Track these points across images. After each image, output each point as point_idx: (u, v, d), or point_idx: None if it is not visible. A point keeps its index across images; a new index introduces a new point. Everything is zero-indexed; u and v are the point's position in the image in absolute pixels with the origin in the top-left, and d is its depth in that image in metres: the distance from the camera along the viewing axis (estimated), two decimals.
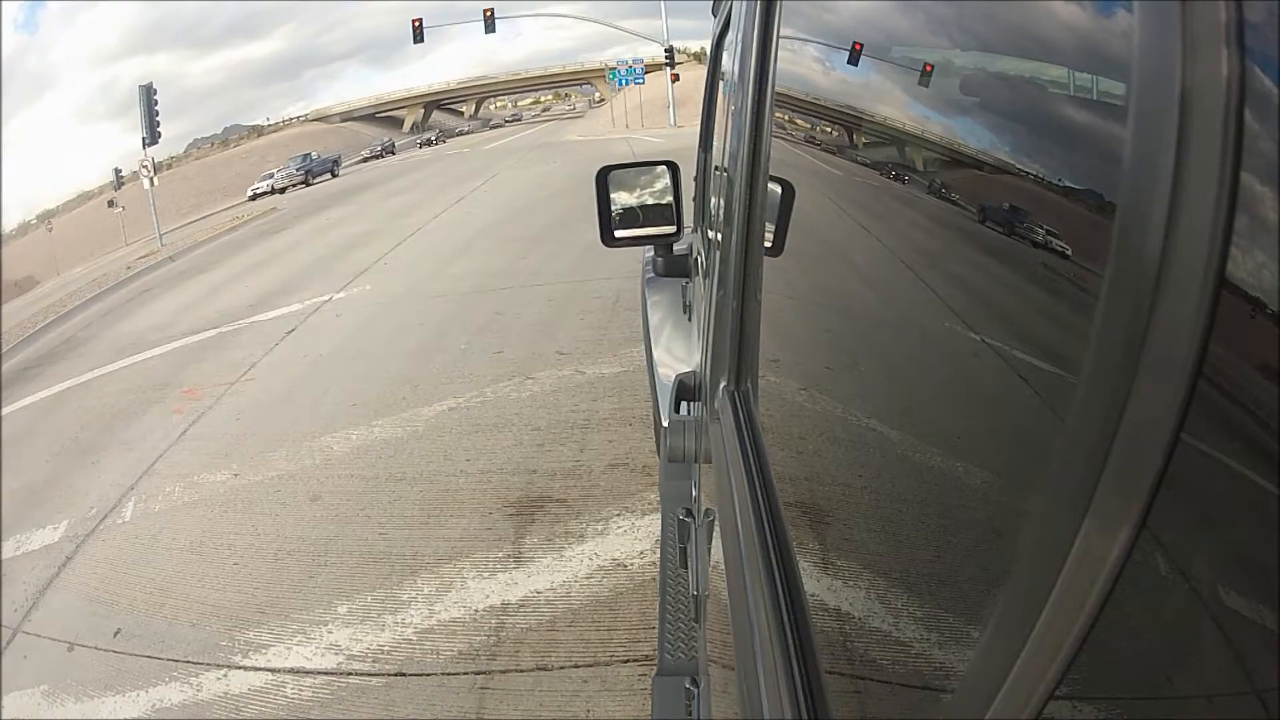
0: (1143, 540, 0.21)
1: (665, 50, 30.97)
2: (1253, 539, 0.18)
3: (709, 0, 1.83)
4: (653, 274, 2.55)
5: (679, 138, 18.29)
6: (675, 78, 29.70)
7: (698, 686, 0.88)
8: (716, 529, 0.73)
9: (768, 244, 0.71)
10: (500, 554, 2.70)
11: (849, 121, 0.56)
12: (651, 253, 2.61)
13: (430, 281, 7.16)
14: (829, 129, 0.63)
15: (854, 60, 0.51)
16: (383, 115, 57.55)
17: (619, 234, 2.23)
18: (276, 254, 11.17)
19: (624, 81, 35.09)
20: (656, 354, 2.25)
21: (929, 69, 0.39)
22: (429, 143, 44.82)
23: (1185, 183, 0.19)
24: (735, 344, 0.79)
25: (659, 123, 29.13)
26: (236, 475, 3.68)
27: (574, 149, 22.73)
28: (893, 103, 0.46)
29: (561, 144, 26.43)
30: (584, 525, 2.79)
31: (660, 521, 1.82)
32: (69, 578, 3.09)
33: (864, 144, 0.52)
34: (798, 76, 0.67)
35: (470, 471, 3.32)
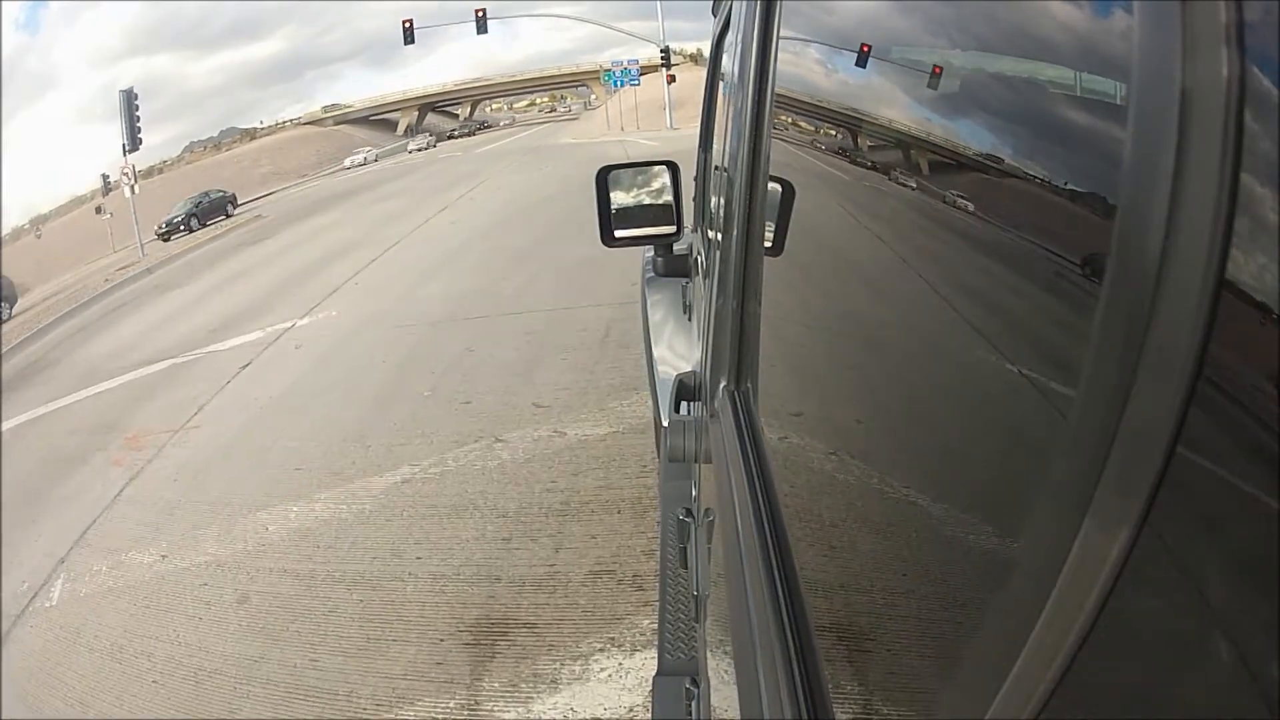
0: (1143, 540, 0.21)
1: (661, 51, 30.91)
2: (1253, 539, 0.19)
3: (707, 1, 1.84)
4: (653, 274, 2.56)
5: (677, 140, 17.76)
6: (671, 79, 29.60)
7: (698, 686, 0.89)
8: (716, 529, 0.74)
9: (768, 244, 0.71)
10: (452, 703, 2.18)
11: (849, 122, 0.56)
12: (651, 253, 2.62)
13: (400, 306, 6.67)
14: (829, 129, 0.63)
15: (854, 61, 0.51)
16: (376, 118, 57.35)
17: (619, 234, 2.23)
18: (251, 268, 11.08)
19: (619, 83, 35.01)
20: (657, 353, 2.26)
21: (930, 70, 0.39)
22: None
23: (1185, 183, 0.19)
24: (735, 344, 0.80)
25: (656, 125, 29.04)
26: (164, 558, 3.38)
27: (567, 153, 22.45)
28: (893, 103, 0.46)
29: (554, 147, 26.04)
30: (557, 665, 2.24)
31: (660, 523, 1.82)
32: None
33: (864, 144, 0.52)
34: (798, 77, 0.67)
35: (420, 575, 2.80)
